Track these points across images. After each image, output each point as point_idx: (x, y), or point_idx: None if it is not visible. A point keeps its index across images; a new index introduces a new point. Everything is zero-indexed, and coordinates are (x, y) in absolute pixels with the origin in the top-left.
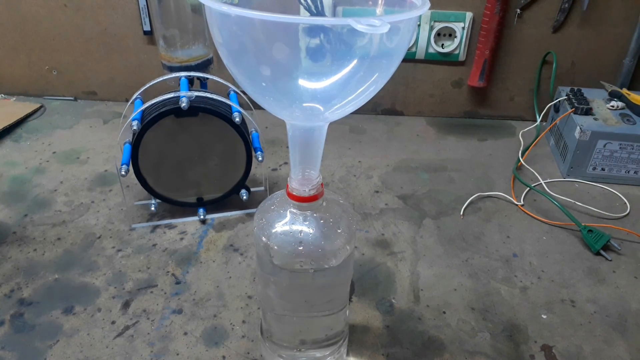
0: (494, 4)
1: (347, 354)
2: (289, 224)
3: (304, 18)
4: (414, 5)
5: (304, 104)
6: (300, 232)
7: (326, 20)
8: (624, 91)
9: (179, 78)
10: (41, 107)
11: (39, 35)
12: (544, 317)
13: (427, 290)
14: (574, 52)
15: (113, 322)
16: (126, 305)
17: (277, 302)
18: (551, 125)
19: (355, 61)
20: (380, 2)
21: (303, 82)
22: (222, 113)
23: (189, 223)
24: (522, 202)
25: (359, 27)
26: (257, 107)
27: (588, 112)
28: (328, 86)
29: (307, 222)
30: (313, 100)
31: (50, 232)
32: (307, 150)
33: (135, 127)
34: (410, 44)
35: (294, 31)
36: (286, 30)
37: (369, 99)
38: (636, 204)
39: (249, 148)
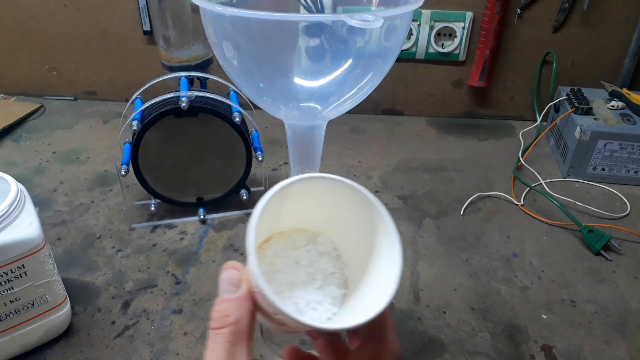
0: (494, 3)
1: None
2: None
3: (298, 15)
4: (408, 3)
5: (302, 104)
6: None
7: (320, 17)
8: (624, 91)
9: (179, 78)
10: (41, 107)
11: (39, 35)
12: (544, 317)
13: (427, 291)
14: (574, 52)
15: (113, 322)
16: (126, 305)
17: None
18: (551, 125)
19: (352, 60)
20: (375, 1)
21: (300, 82)
22: (222, 113)
23: (189, 223)
24: (522, 202)
25: (353, 22)
26: (257, 107)
27: (588, 112)
28: (325, 85)
29: None
30: (310, 99)
31: (50, 232)
32: (306, 150)
33: (135, 127)
34: (405, 42)
35: (289, 30)
36: (281, 29)
37: (366, 96)
38: (636, 204)
39: (249, 148)
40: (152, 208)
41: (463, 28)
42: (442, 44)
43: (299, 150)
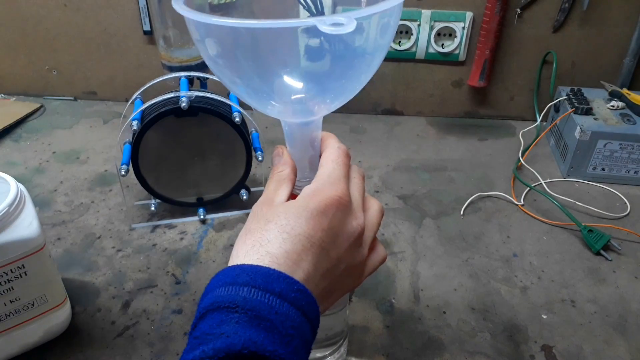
0: (494, 3)
1: (348, 354)
2: None
3: (271, 22)
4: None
5: (292, 97)
6: None
7: (292, 23)
8: (624, 91)
9: (179, 78)
10: (41, 107)
11: (38, 35)
12: (544, 317)
13: (427, 290)
14: (574, 52)
15: (113, 322)
16: (126, 305)
17: None
18: (551, 125)
19: (339, 57)
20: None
21: (289, 80)
22: (222, 113)
23: (189, 223)
24: (522, 202)
25: (324, 28)
26: None
27: (588, 112)
28: (315, 82)
29: None
30: (300, 96)
31: (50, 232)
32: (305, 149)
33: (135, 127)
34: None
35: (283, 33)
36: (273, 34)
37: (357, 92)
38: (636, 204)
39: (249, 148)
40: (152, 208)
41: (463, 28)
42: (442, 44)
43: (297, 148)
